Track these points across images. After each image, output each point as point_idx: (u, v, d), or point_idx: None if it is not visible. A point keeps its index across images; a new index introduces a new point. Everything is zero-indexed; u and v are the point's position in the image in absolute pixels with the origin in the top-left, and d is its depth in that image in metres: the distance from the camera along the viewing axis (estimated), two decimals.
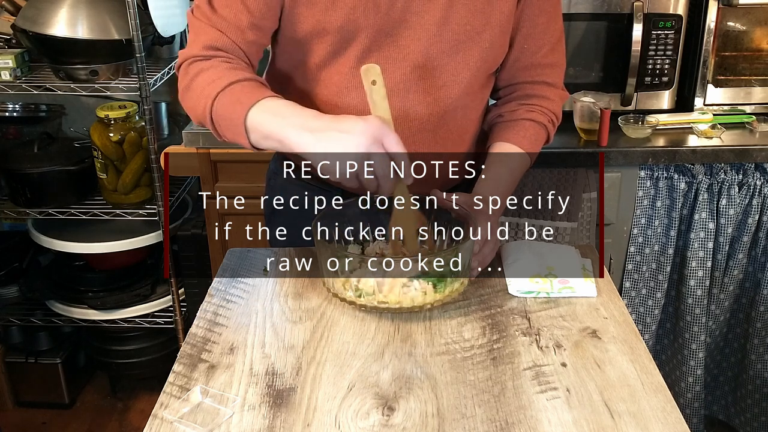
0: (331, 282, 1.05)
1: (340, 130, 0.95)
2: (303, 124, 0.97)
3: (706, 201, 1.87)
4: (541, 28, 1.22)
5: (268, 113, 1.01)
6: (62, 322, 2.29)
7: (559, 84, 1.29)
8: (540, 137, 1.26)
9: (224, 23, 1.09)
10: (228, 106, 1.03)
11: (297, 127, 0.97)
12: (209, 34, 1.09)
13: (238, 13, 1.09)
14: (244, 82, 1.05)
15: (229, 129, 1.04)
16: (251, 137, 1.02)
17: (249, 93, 1.03)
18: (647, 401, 0.88)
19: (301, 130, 0.97)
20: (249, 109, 1.01)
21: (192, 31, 1.13)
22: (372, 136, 0.94)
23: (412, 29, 1.12)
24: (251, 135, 1.02)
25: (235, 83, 1.04)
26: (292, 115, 0.99)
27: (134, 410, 2.43)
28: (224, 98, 1.04)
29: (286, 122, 0.99)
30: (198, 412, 0.87)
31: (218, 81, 1.05)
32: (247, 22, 1.09)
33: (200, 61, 1.09)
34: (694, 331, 1.99)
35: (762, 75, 2.02)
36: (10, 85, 1.99)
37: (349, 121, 0.96)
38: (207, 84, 1.06)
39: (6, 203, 2.16)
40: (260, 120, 1.01)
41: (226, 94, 1.04)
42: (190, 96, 1.09)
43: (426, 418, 0.85)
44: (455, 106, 1.20)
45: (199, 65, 1.09)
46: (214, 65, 1.08)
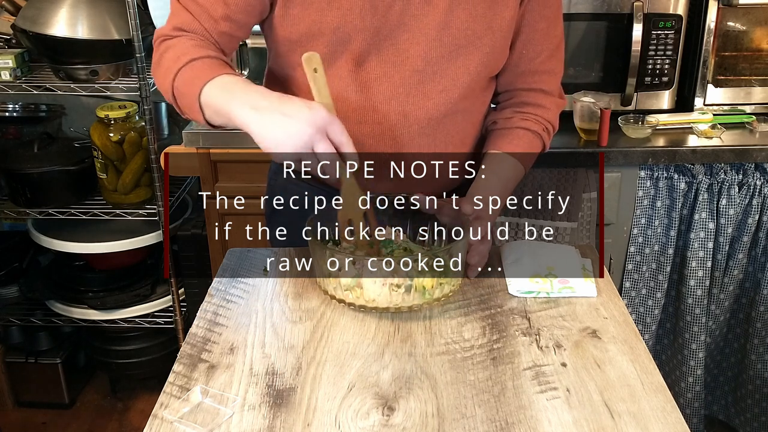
0: (325, 282, 1.05)
1: (283, 114, 0.94)
2: (249, 102, 0.97)
3: (706, 201, 1.87)
4: (541, 34, 1.21)
5: (220, 89, 1.01)
6: (62, 322, 2.29)
7: (556, 92, 1.29)
8: (534, 146, 1.26)
9: (199, 9, 1.10)
10: (187, 81, 1.04)
11: (243, 104, 0.97)
12: (182, 17, 1.11)
13: (215, 2, 1.10)
14: (205, 59, 1.06)
15: (187, 105, 1.05)
16: (205, 113, 1.03)
17: (207, 70, 1.04)
18: (647, 401, 0.88)
19: (246, 108, 0.97)
20: (204, 85, 1.02)
21: (171, 12, 1.14)
22: (316, 124, 0.94)
23: (411, 33, 1.12)
24: (205, 111, 1.03)
25: (197, 59, 1.05)
26: (240, 91, 1.00)
27: (134, 410, 2.43)
28: (184, 74, 1.05)
29: (234, 98, 0.99)
30: (198, 412, 0.87)
31: (181, 57, 1.06)
32: (221, 13, 1.10)
33: (168, 40, 1.11)
34: (694, 331, 1.99)
35: (762, 75, 2.02)
36: (10, 85, 1.99)
37: (293, 105, 0.95)
38: (172, 61, 1.07)
39: (6, 203, 2.16)
40: (212, 95, 1.01)
41: (186, 70, 1.05)
42: (158, 73, 1.11)
43: (426, 418, 0.85)
44: (455, 110, 1.20)
45: (167, 43, 1.10)
46: (181, 42, 1.09)
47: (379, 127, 1.17)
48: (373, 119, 1.17)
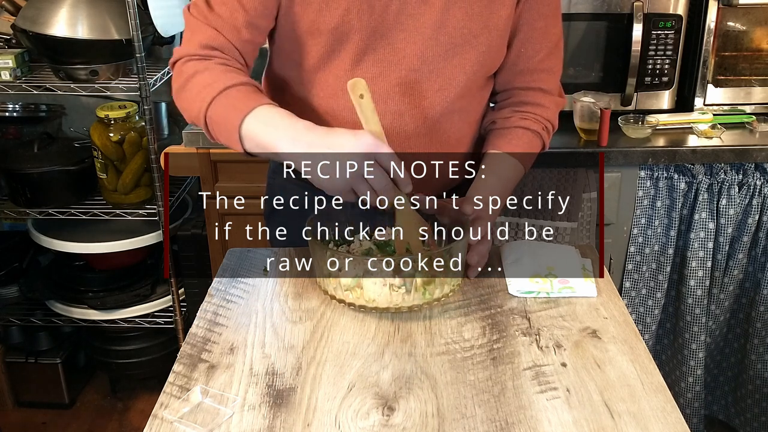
0: (325, 282, 1.05)
1: (330, 146, 0.94)
2: (295, 137, 0.97)
3: (706, 201, 1.87)
4: (539, 33, 1.21)
5: (263, 123, 1.00)
6: (62, 322, 2.29)
7: (555, 90, 1.28)
8: (533, 145, 1.25)
9: (220, 21, 1.09)
10: (223, 112, 1.03)
11: (290, 139, 0.97)
12: (205, 33, 1.09)
13: (234, 11, 1.08)
14: (240, 86, 1.04)
15: (223, 134, 1.04)
16: (246, 145, 1.02)
17: (245, 99, 1.02)
18: (647, 401, 0.88)
19: (293, 143, 0.97)
20: (244, 117, 1.00)
21: (188, 28, 1.12)
22: (363, 152, 0.93)
23: (407, 32, 1.12)
24: (245, 143, 1.02)
25: (230, 87, 1.04)
26: (285, 126, 0.99)
27: (134, 410, 2.43)
28: (220, 103, 1.03)
29: (279, 134, 0.98)
30: (198, 412, 0.87)
31: (214, 84, 1.04)
32: (243, 20, 1.09)
33: (196, 61, 1.08)
34: (694, 331, 1.99)
35: (762, 75, 2.02)
36: (10, 85, 1.99)
37: (340, 136, 0.95)
38: (203, 87, 1.05)
39: (6, 203, 2.16)
40: (255, 129, 1.00)
41: (221, 98, 1.03)
42: (185, 97, 1.09)
43: (426, 418, 0.85)
44: (451, 109, 1.19)
45: (194, 65, 1.08)
46: (210, 67, 1.07)
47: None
48: None
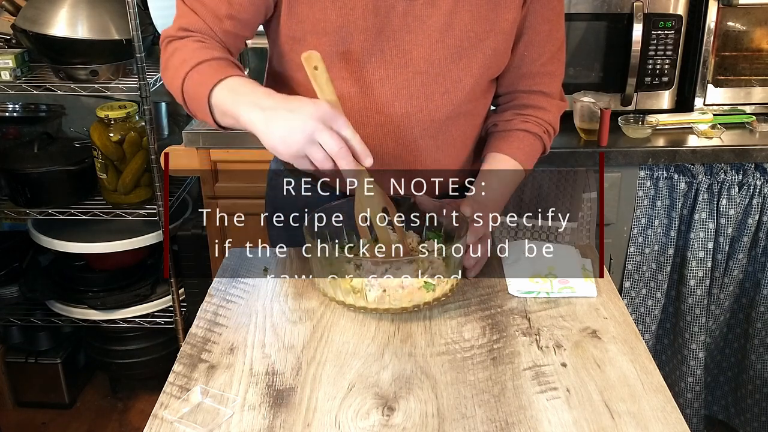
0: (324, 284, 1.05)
1: (288, 110, 0.95)
2: (255, 102, 0.98)
3: (706, 201, 1.87)
4: (543, 36, 1.21)
5: (227, 91, 1.02)
6: (62, 322, 2.29)
7: (557, 94, 1.29)
8: (535, 148, 1.26)
9: (203, 9, 1.11)
10: (195, 85, 1.05)
11: (249, 104, 0.98)
12: (187, 17, 1.12)
13: (219, 2, 1.10)
14: (211, 61, 1.06)
15: (198, 108, 1.06)
16: (215, 115, 1.04)
17: (215, 72, 1.04)
18: (647, 401, 0.88)
19: (252, 108, 0.98)
20: (213, 87, 1.02)
21: (177, 13, 1.15)
22: (319, 118, 0.94)
23: (414, 34, 1.12)
24: (215, 113, 1.04)
25: (203, 62, 1.06)
26: (247, 93, 1.01)
27: (134, 410, 2.43)
28: (193, 78, 1.06)
29: (240, 99, 1.00)
30: (198, 412, 0.87)
31: (188, 60, 1.07)
32: (225, 12, 1.11)
33: (175, 41, 1.11)
34: (694, 331, 1.99)
35: (762, 75, 2.02)
36: (10, 85, 1.99)
37: (297, 102, 0.96)
38: (179, 64, 1.08)
39: (6, 203, 2.16)
40: (221, 97, 1.02)
41: (194, 73, 1.05)
42: (167, 75, 1.12)
43: (426, 418, 0.85)
44: (457, 112, 1.20)
45: (174, 44, 1.11)
46: (186, 44, 1.10)
47: (381, 129, 1.17)
48: (376, 121, 1.16)
